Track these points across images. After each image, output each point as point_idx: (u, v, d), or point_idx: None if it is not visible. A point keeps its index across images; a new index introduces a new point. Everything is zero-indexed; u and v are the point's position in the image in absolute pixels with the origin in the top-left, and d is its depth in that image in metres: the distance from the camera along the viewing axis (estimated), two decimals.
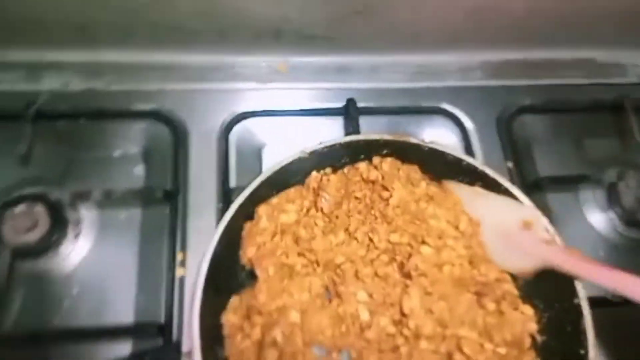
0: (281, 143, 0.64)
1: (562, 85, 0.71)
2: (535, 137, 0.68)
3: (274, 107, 0.65)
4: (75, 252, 0.57)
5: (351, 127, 0.61)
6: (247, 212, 0.51)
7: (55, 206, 0.57)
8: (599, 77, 0.73)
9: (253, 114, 0.64)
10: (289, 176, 0.53)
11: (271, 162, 0.53)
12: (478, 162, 0.53)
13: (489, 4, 0.64)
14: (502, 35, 0.70)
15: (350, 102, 0.63)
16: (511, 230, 0.49)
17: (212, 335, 0.46)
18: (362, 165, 0.53)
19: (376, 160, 0.53)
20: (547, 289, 0.49)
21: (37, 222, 0.55)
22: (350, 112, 0.62)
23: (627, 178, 0.63)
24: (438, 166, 0.54)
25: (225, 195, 0.58)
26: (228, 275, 0.49)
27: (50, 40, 0.64)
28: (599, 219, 0.64)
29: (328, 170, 0.54)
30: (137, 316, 0.54)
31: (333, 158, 0.53)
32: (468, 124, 0.66)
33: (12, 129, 0.59)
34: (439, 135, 0.65)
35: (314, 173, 0.53)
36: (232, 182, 0.60)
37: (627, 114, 0.66)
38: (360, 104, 0.64)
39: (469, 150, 0.64)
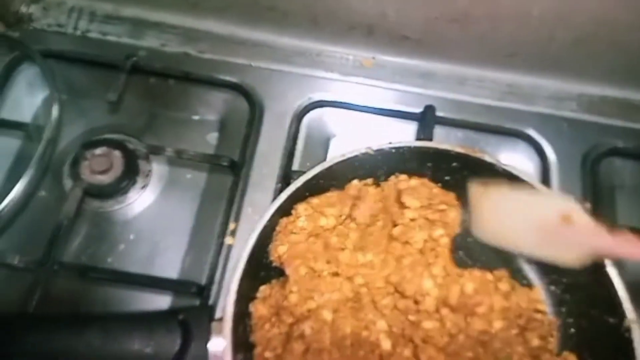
0: (350, 137, 0.64)
1: None
2: (621, 183, 0.63)
3: (351, 100, 0.65)
4: (140, 201, 0.61)
5: (424, 134, 0.60)
6: (299, 197, 0.51)
7: (131, 155, 0.60)
8: None
9: (329, 103, 0.65)
10: (350, 171, 0.52)
11: (337, 154, 0.53)
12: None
13: (603, 34, 0.60)
14: (608, 69, 0.65)
15: (429, 108, 0.61)
16: (552, 227, 0.45)
17: (246, 309, 0.47)
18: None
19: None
20: (602, 345, 0.45)
21: (112, 166, 0.59)
22: (426, 119, 0.61)
23: None
24: None
25: (285, 177, 0.59)
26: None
27: (158, 1, 0.69)
28: None
29: (369, 181, 0.53)
30: (182, 273, 0.57)
31: (398, 161, 0.52)
32: (551, 155, 0.62)
33: (109, 77, 0.64)
34: (516, 161, 0.62)
35: (355, 181, 0.52)
36: (295, 166, 0.61)
37: None
38: (438, 114, 0.62)
39: (545, 182, 0.60)
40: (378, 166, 0.53)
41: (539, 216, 0.46)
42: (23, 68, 0.66)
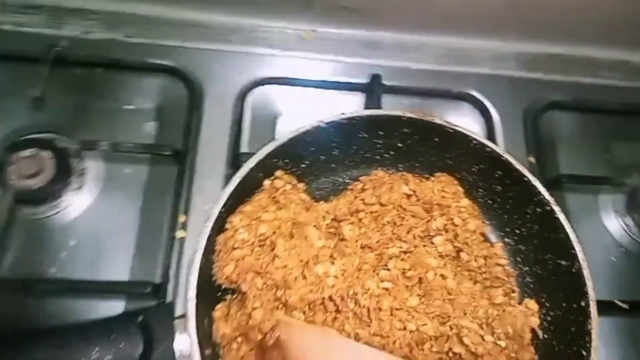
0: (298, 114, 0.62)
1: (596, 85, 0.68)
2: (561, 135, 0.65)
3: (295, 76, 0.63)
4: (77, 203, 0.56)
5: (372, 104, 0.60)
6: (253, 181, 0.49)
7: (61, 154, 0.56)
8: (634, 81, 0.69)
9: (272, 80, 0.63)
10: (303, 147, 0.51)
11: (285, 131, 0.51)
12: (503, 150, 0.51)
13: None
14: (541, 27, 0.67)
15: (375, 78, 0.61)
16: None
17: (207, 298, 0.45)
18: None
19: None
20: (557, 288, 0.48)
21: (42, 168, 0.54)
22: (374, 89, 0.60)
23: None
24: (459, 151, 0.52)
25: (235, 161, 0.57)
26: None
27: None
28: (615, 223, 0.61)
29: (279, 173, 0.51)
30: (133, 275, 0.53)
31: (351, 132, 0.51)
32: (494, 113, 0.63)
33: (30, 71, 0.59)
34: (462, 123, 0.61)
35: (279, 172, 0.51)
36: (244, 148, 0.59)
37: None
38: (384, 82, 0.62)
39: (491, 140, 0.60)
40: (331, 139, 0.51)
41: None
42: None
